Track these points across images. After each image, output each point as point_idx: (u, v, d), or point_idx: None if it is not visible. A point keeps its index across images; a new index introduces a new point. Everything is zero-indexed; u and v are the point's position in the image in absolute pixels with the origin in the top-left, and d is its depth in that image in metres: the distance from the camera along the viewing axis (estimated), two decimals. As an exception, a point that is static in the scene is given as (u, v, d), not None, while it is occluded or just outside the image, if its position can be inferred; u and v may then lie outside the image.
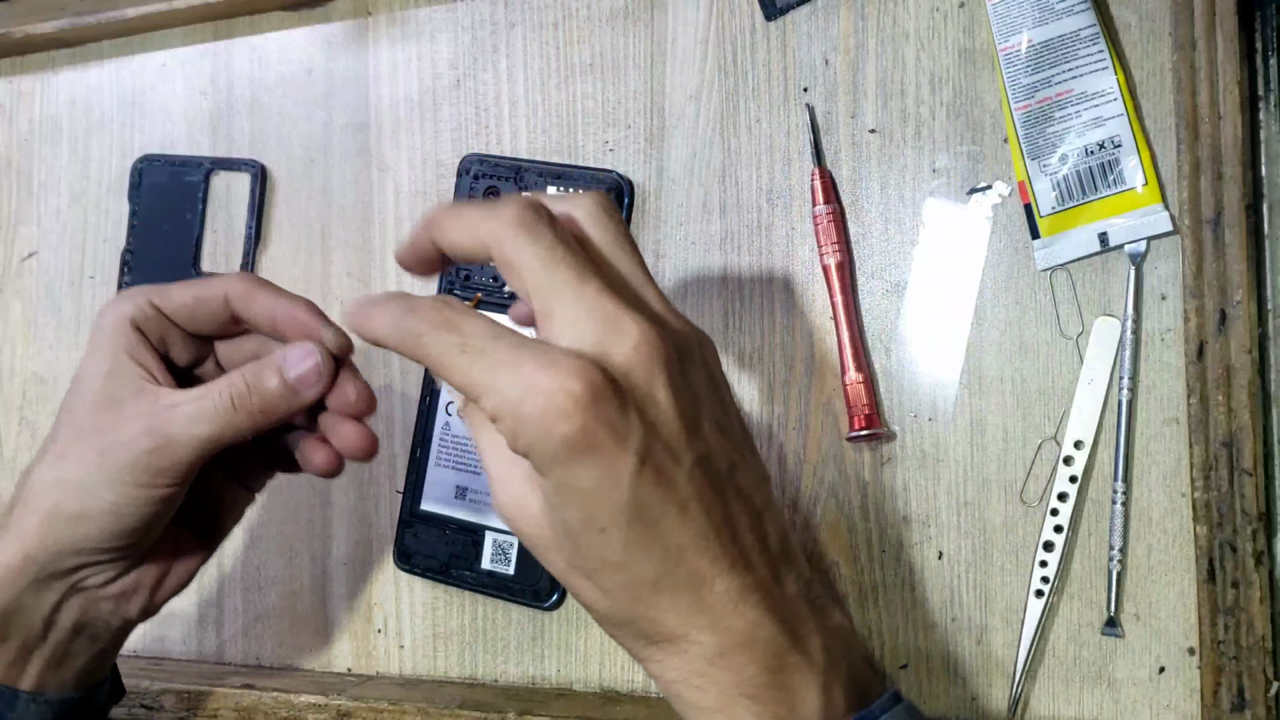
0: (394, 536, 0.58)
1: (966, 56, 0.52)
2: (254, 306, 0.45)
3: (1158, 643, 0.49)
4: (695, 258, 0.56)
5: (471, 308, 0.37)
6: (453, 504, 0.56)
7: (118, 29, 0.64)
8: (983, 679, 0.51)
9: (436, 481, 0.57)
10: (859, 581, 0.53)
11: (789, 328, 0.54)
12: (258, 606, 0.62)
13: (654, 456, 0.35)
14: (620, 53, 0.57)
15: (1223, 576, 0.47)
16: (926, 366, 0.53)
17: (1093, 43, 0.49)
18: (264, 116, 0.63)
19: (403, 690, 0.57)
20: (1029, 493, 0.51)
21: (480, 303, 0.54)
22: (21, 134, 0.67)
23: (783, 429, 0.54)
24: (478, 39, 0.59)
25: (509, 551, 0.55)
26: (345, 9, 0.61)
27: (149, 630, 0.58)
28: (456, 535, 0.56)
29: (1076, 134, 0.50)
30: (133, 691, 0.58)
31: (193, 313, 0.46)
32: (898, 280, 0.53)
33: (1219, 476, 0.47)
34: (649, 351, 0.35)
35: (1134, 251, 0.50)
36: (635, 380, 0.35)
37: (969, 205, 0.52)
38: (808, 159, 0.54)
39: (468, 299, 0.54)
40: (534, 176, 0.56)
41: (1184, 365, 0.48)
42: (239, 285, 0.46)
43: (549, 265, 0.36)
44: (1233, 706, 0.47)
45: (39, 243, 0.66)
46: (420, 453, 0.57)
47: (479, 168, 0.58)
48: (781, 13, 0.55)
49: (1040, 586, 0.50)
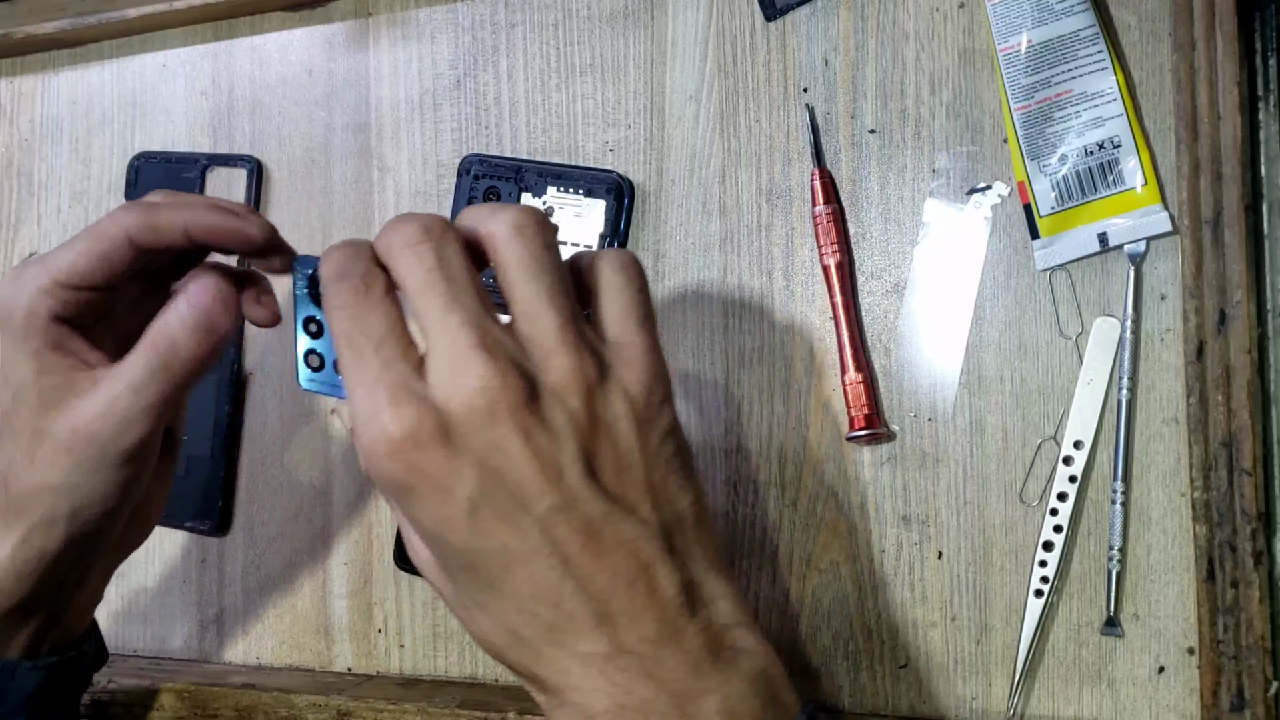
0: (393, 536, 0.58)
1: (966, 57, 0.52)
2: (161, 233, 0.42)
3: (1157, 642, 0.49)
4: (695, 258, 0.56)
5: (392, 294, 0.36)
6: None
7: (118, 29, 0.64)
8: (982, 679, 0.51)
9: None
10: (859, 581, 0.53)
11: (789, 328, 0.54)
12: (258, 606, 0.62)
13: (492, 503, 0.34)
14: (620, 53, 0.57)
15: (1222, 576, 0.47)
16: (926, 366, 0.53)
17: (1092, 43, 0.49)
18: (265, 117, 0.63)
19: (403, 690, 0.57)
20: (1028, 492, 0.51)
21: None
22: (22, 134, 0.67)
23: (783, 429, 0.54)
24: (478, 39, 0.59)
25: None
26: (346, 9, 0.61)
27: (149, 630, 0.58)
28: None
29: (1076, 134, 0.50)
30: (133, 691, 0.58)
31: (103, 268, 0.42)
32: (897, 280, 0.53)
33: (1218, 476, 0.47)
34: (493, 397, 0.33)
35: (1133, 252, 0.50)
36: (472, 426, 0.33)
37: (968, 205, 0.52)
38: (807, 159, 0.54)
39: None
40: (534, 177, 0.56)
41: (1183, 365, 0.48)
42: (134, 217, 0.42)
43: (422, 290, 0.35)
44: (1232, 706, 0.47)
45: (39, 243, 0.66)
46: None
47: (479, 168, 0.58)
48: (781, 13, 0.55)
49: (1040, 586, 0.50)
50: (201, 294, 0.42)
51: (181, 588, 0.62)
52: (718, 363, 0.55)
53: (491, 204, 0.45)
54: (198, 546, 0.62)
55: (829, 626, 0.53)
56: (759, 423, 0.54)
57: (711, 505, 0.55)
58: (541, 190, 0.56)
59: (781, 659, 0.38)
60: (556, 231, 0.38)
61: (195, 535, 0.62)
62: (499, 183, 0.57)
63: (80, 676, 0.51)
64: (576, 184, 0.56)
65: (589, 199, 0.55)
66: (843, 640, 0.53)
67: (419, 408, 0.33)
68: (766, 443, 0.54)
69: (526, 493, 0.34)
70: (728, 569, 0.44)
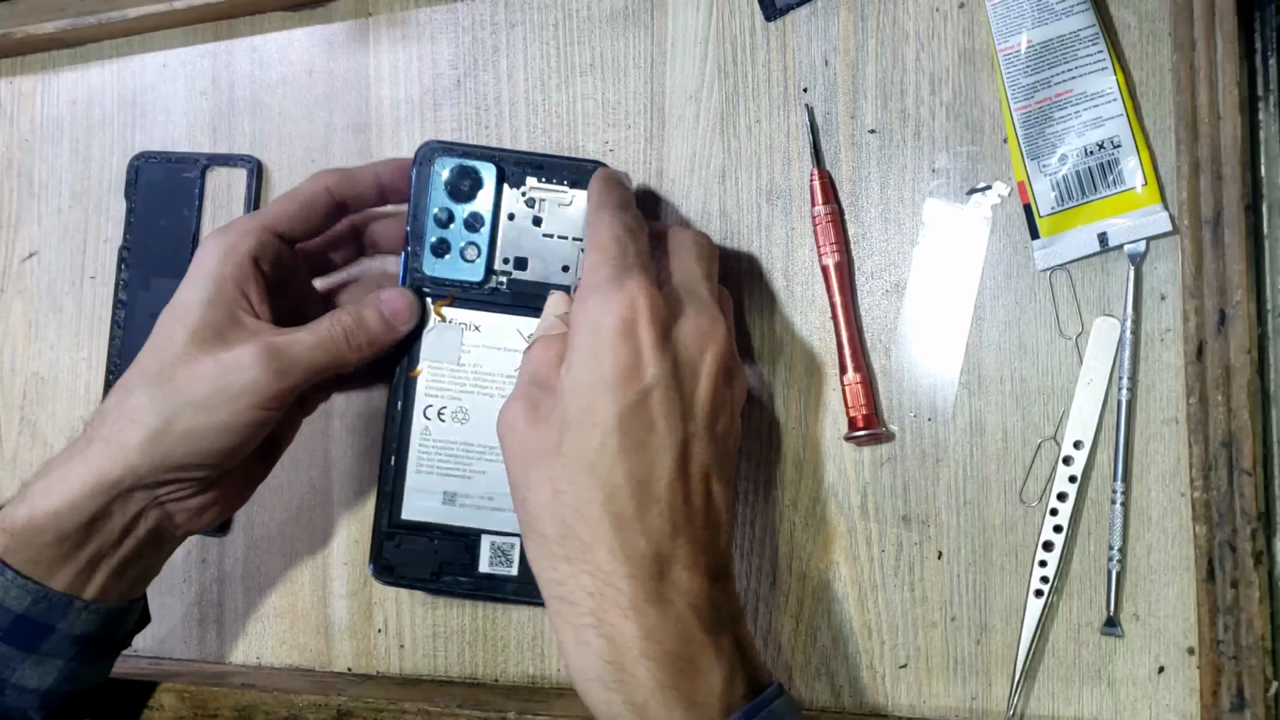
0: (370, 551, 0.55)
1: (966, 57, 0.52)
2: (355, 183, 0.52)
3: (1157, 642, 0.49)
4: (695, 258, 0.56)
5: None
6: (440, 511, 0.54)
7: (118, 29, 0.64)
8: (982, 679, 0.51)
9: (419, 489, 0.54)
10: (859, 581, 0.53)
11: (788, 328, 0.54)
12: (258, 606, 0.62)
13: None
14: (620, 53, 0.57)
15: (1222, 576, 0.47)
16: (926, 366, 0.53)
17: (1092, 43, 0.49)
18: (265, 117, 0.63)
19: (403, 690, 0.57)
20: (1028, 492, 0.51)
21: (455, 300, 0.53)
22: (22, 134, 0.67)
23: (783, 429, 0.54)
24: (478, 39, 0.59)
25: (510, 552, 0.54)
26: (346, 9, 0.61)
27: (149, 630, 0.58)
28: (446, 542, 0.54)
29: (1076, 134, 0.50)
30: (133, 691, 0.58)
31: (305, 217, 0.51)
32: (897, 280, 0.53)
33: (1218, 476, 0.47)
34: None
35: (1133, 251, 0.50)
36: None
37: (968, 205, 0.52)
38: (807, 159, 0.54)
39: (442, 297, 0.53)
40: (512, 166, 0.53)
41: (1183, 365, 0.48)
42: (332, 176, 0.52)
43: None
44: (1232, 706, 0.47)
45: (40, 243, 0.66)
46: (396, 461, 0.54)
47: (443, 158, 0.53)
48: (781, 13, 0.55)
49: (1040, 586, 0.50)
50: (396, 298, 0.51)
51: (181, 587, 0.62)
52: (718, 363, 0.55)
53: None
54: (198, 546, 0.62)
55: (829, 626, 0.53)
56: (759, 423, 0.54)
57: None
58: (520, 181, 0.53)
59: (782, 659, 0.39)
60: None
61: (196, 535, 0.62)
62: (471, 172, 0.53)
63: (123, 636, 0.52)
64: (560, 174, 0.53)
65: (574, 189, 0.52)
66: (843, 640, 0.53)
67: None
68: (766, 443, 0.54)
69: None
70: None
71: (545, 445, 0.42)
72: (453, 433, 0.53)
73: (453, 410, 0.53)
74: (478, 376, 0.53)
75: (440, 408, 0.53)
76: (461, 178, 0.53)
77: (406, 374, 0.53)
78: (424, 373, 0.53)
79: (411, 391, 0.53)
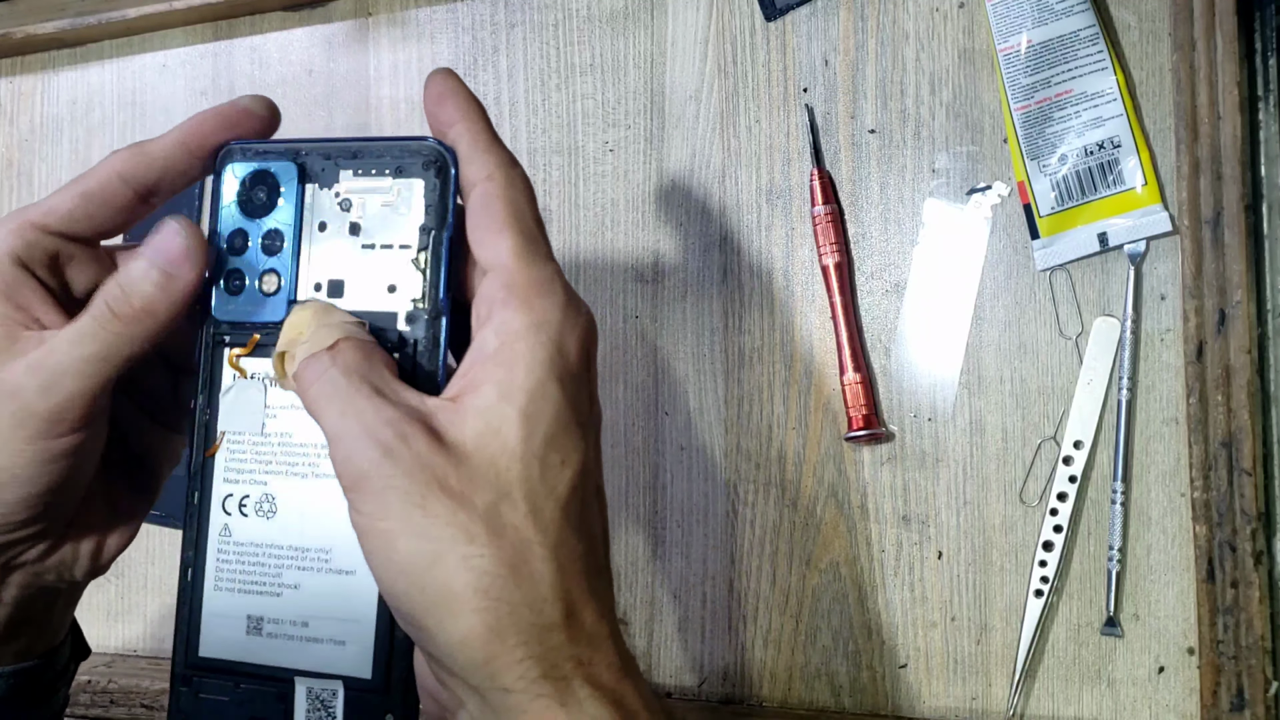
0: (169, 700, 0.40)
1: (966, 57, 0.52)
2: (152, 159, 0.39)
3: (1157, 642, 0.50)
4: (695, 258, 0.56)
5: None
6: (244, 644, 0.38)
7: (118, 29, 0.64)
8: (982, 679, 0.51)
9: (219, 614, 0.38)
10: (859, 581, 0.53)
11: (789, 328, 0.54)
12: (258, 606, 0.62)
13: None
14: (620, 53, 0.57)
15: (1222, 576, 0.47)
16: (926, 366, 0.53)
17: (1092, 43, 0.49)
18: (264, 117, 0.63)
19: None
20: (1028, 492, 0.51)
21: (256, 347, 0.39)
22: (22, 134, 0.67)
23: (783, 429, 0.54)
24: (478, 39, 0.59)
25: (331, 703, 0.37)
26: (346, 9, 0.62)
27: (149, 630, 0.58)
28: (253, 689, 0.38)
29: (1076, 134, 0.50)
30: (133, 691, 0.58)
31: (88, 211, 0.39)
32: (897, 280, 0.53)
33: (1218, 476, 0.47)
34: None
35: (1133, 252, 0.50)
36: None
37: (968, 205, 0.52)
38: (807, 159, 0.54)
39: (243, 344, 0.39)
40: (320, 160, 0.39)
41: (1183, 365, 0.48)
42: (123, 158, 0.39)
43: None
44: (1232, 706, 0.47)
45: (39, 243, 0.66)
46: (191, 575, 0.39)
47: (241, 161, 0.39)
48: (781, 13, 0.55)
49: (1040, 586, 0.50)
50: (163, 239, 0.38)
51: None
52: (718, 363, 0.55)
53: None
54: (198, 546, 0.62)
55: (829, 626, 0.53)
56: (759, 423, 0.54)
57: (712, 506, 0.55)
58: (332, 179, 0.39)
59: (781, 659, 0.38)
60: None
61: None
62: (265, 176, 0.39)
63: (52, 679, 0.44)
64: (380, 162, 0.38)
65: (400, 179, 0.38)
66: (843, 640, 0.53)
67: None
68: (766, 443, 0.54)
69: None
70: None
71: (467, 534, 0.31)
72: (256, 531, 0.38)
73: (255, 499, 0.38)
74: (286, 450, 0.38)
75: (242, 497, 0.38)
76: (255, 186, 0.39)
77: (204, 453, 0.39)
78: (222, 448, 0.39)
79: (210, 476, 0.39)
